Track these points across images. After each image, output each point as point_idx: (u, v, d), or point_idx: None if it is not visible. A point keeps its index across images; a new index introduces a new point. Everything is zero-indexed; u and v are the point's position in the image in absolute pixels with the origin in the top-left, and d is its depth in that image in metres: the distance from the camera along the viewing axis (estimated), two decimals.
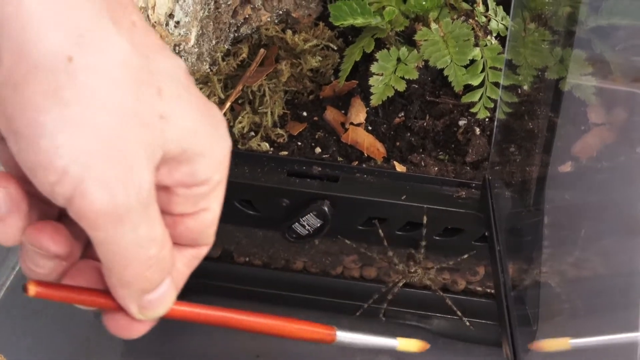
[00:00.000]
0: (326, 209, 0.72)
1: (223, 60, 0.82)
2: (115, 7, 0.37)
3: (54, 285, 0.42)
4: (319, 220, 0.72)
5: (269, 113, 0.80)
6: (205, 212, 0.42)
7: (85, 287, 0.43)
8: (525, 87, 0.73)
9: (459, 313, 0.76)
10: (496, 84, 0.77)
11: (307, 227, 0.73)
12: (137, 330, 0.44)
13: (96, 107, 0.35)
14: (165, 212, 0.41)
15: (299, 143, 0.79)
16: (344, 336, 0.55)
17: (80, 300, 0.42)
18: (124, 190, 0.36)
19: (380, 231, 0.73)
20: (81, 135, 0.35)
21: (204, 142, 0.40)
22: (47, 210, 0.42)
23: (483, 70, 0.78)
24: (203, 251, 0.45)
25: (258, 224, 0.78)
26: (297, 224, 0.73)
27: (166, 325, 0.47)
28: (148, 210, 0.38)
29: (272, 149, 0.78)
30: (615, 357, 0.54)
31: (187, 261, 0.45)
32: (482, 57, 0.78)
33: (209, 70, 0.82)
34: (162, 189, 0.40)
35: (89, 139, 0.35)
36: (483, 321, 0.79)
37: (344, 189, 0.73)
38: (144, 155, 0.37)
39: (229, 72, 0.82)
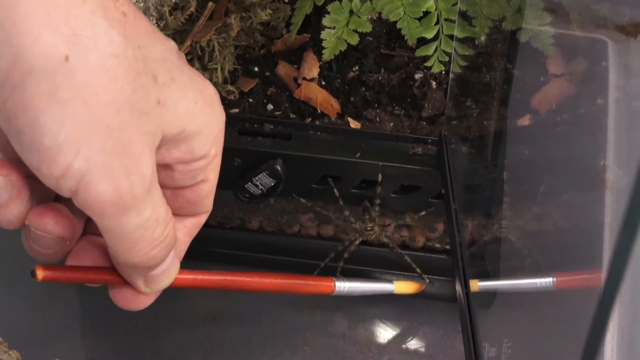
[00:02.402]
0: (279, 168, 0.70)
1: (170, 14, 0.79)
2: (106, 1, 0.38)
3: (60, 267, 0.44)
4: (272, 180, 0.71)
5: (219, 69, 0.78)
6: (204, 184, 0.45)
7: (91, 266, 0.44)
8: (482, 39, 0.72)
9: (418, 270, 0.76)
10: (451, 37, 0.75)
11: (260, 186, 0.72)
12: (143, 302, 0.46)
13: (95, 102, 0.36)
14: (165, 187, 0.43)
15: (251, 100, 0.78)
16: (342, 286, 0.56)
17: (88, 279, 0.44)
18: (127, 179, 0.37)
19: (335, 190, 0.72)
20: (82, 130, 0.36)
21: (200, 120, 0.42)
22: (46, 191, 0.43)
23: (437, 22, 0.76)
24: (202, 219, 0.48)
25: None
26: (250, 183, 0.71)
27: None
28: (151, 193, 0.39)
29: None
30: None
31: (188, 230, 0.47)
32: (436, 9, 0.76)
33: (156, 25, 0.79)
34: (162, 167, 0.42)
35: (90, 133, 0.36)
36: (443, 277, 0.78)
37: (297, 147, 0.72)
38: (144, 142, 0.38)
39: (176, 27, 0.79)
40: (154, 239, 0.41)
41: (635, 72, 0.62)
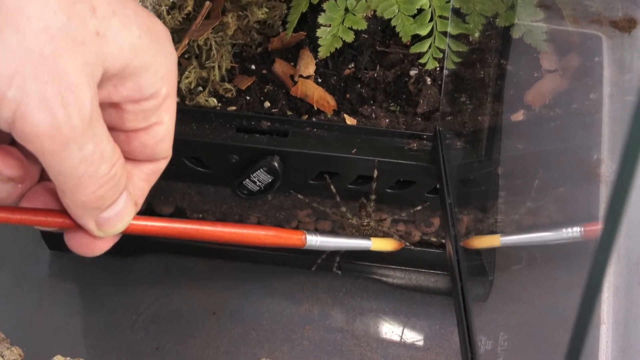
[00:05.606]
0: (276, 164, 0.71)
1: (168, 14, 0.80)
2: None
3: (10, 208, 0.43)
4: (269, 176, 0.71)
5: (217, 67, 0.78)
6: (158, 126, 0.43)
7: (41, 208, 0.43)
8: (475, 36, 0.72)
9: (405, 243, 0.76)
10: (445, 34, 0.76)
11: (257, 183, 0.72)
12: (99, 248, 0.44)
13: (27, 30, 0.35)
14: (118, 129, 0.42)
15: (248, 97, 0.78)
16: (314, 239, 0.55)
17: (38, 221, 0.43)
18: (64, 109, 0.36)
19: (332, 187, 0.73)
20: (14, 58, 0.35)
21: (146, 56, 0.40)
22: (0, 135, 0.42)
23: (431, 19, 0.77)
24: (161, 165, 0.46)
25: (209, 180, 0.77)
26: (247, 180, 0.72)
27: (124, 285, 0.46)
28: (93, 128, 0.38)
29: (220, 104, 0.77)
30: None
31: (146, 176, 0.45)
32: (430, 6, 0.77)
33: None
34: (112, 106, 0.41)
35: (23, 62, 0.35)
36: (439, 272, 0.79)
37: (294, 143, 0.72)
38: (82, 73, 0.37)
39: (174, 26, 0.80)
40: (100, 177, 0.40)
41: (628, 67, 0.62)
